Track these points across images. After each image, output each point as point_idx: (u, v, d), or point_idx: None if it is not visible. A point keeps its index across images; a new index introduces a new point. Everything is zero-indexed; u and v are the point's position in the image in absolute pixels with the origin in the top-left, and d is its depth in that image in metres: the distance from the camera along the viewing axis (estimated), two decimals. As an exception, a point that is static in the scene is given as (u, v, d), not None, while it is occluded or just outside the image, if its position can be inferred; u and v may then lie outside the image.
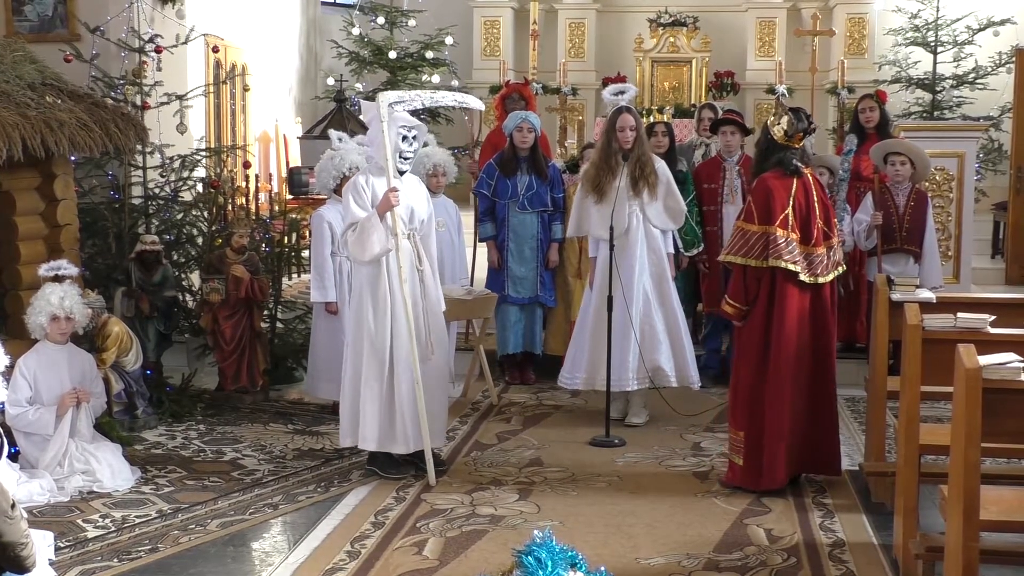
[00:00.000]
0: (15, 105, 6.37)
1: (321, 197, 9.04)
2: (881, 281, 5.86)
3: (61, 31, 8.55)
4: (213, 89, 10.24)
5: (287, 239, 9.02)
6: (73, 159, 7.24)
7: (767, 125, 5.86)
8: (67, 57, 7.77)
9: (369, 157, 6.13)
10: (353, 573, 4.74)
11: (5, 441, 5.15)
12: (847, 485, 5.90)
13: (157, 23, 8.79)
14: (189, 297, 8.08)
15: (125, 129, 7.08)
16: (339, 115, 11.82)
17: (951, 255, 8.58)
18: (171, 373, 7.59)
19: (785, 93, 13.05)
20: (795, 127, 5.72)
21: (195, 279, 8.11)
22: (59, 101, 6.76)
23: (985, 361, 3.98)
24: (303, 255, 9.94)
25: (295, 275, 10.28)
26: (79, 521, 5.34)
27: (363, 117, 6.19)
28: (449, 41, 13.48)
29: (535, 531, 2.87)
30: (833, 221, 5.96)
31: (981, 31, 13.47)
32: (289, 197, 11.58)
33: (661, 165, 6.98)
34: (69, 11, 8.54)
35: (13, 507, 3.77)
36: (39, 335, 6.07)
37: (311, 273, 7.21)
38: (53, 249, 6.96)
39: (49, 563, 4.41)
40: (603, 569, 2.94)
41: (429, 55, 13.33)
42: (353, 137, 7.36)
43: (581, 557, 2.86)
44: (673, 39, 14.65)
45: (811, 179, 5.82)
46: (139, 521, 5.34)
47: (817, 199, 5.77)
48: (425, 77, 13.19)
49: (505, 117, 8.22)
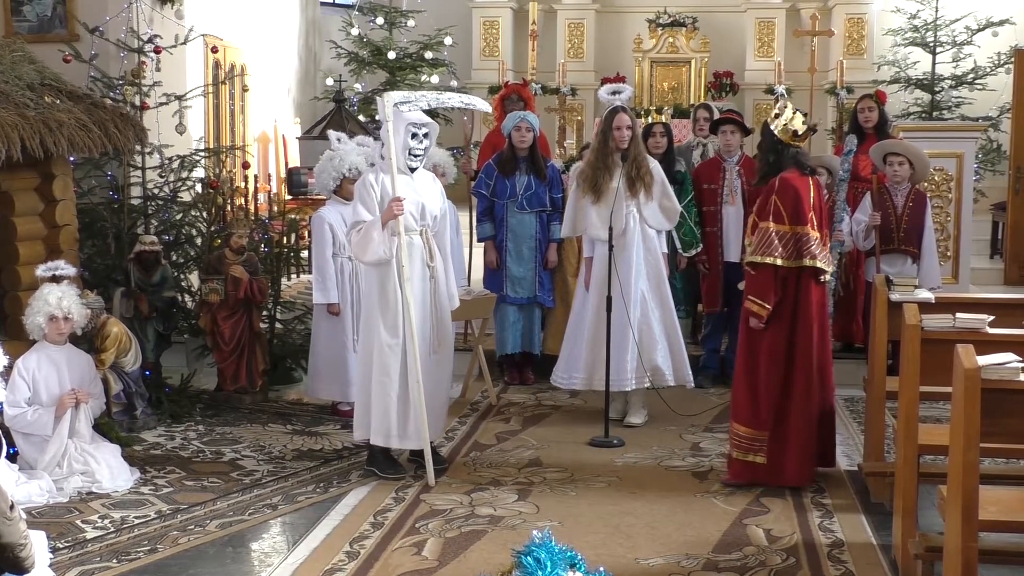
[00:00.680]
0: (14, 105, 6.37)
1: (320, 198, 9.05)
2: (880, 281, 5.87)
3: (60, 31, 8.55)
4: (212, 89, 10.24)
5: (286, 240, 9.02)
6: (72, 159, 7.23)
7: (767, 125, 5.86)
8: (66, 57, 7.77)
9: (371, 156, 6.17)
10: (352, 573, 4.74)
11: (4, 442, 5.16)
12: (846, 485, 5.90)
13: (156, 23, 8.79)
14: (188, 298, 8.08)
15: (124, 129, 7.07)
16: (338, 115, 11.83)
17: (950, 255, 8.59)
18: (170, 374, 7.58)
19: (784, 93, 13.06)
20: (806, 126, 5.78)
21: (194, 280, 8.11)
22: (58, 101, 6.75)
23: (984, 361, 3.98)
24: (302, 256, 9.94)
25: (294, 275, 10.28)
26: (78, 522, 5.34)
27: (379, 117, 6.23)
28: (448, 41, 13.49)
29: (534, 531, 2.87)
30: (827, 223, 6.06)
31: (980, 31, 13.48)
32: (288, 198, 11.57)
33: (655, 165, 7.00)
34: (68, 11, 8.54)
35: (12, 508, 3.76)
36: (37, 336, 6.07)
37: (312, 274, 7.22)
38: (52, 250, 6.96)
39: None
40: (602, 569, 2.94)
41: (428, 55, 13.34)
42: (353, 138, 7.37)
43: (580, 557, 2.86)
44: (672, 39, 14.66)
45: (816, 180, 5.92)
46: (138, 522, 5.34)
47: (822, 199, 5.89)
48: (424, 77, 13.20)
49: (504, 118, 8.22)
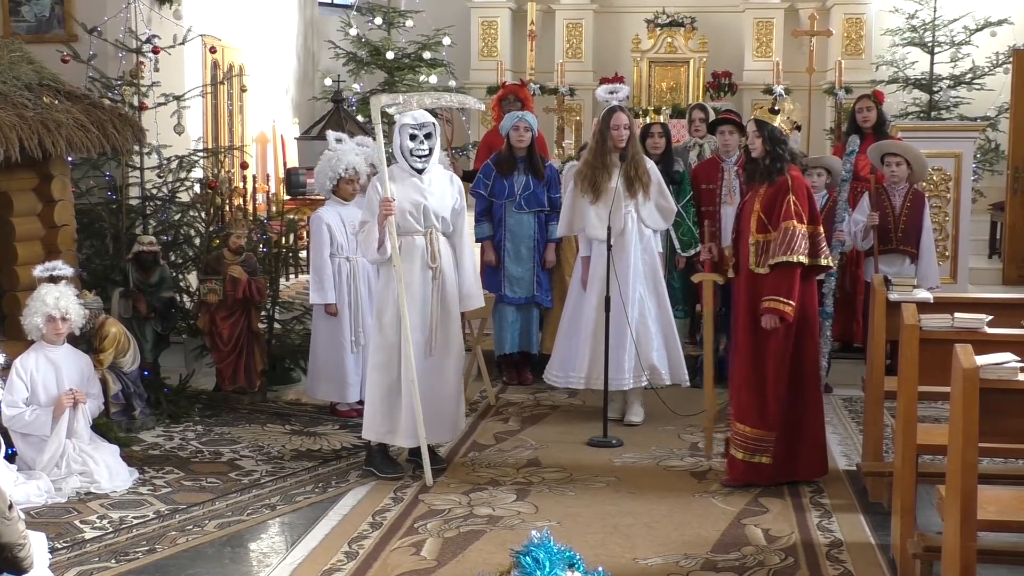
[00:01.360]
0: (12, 106, 6.36)
1: (320, 198, 9.04)
2: (878, 281, 5.87)
3: (58, 32, 8.54)
4: (211, 90, 10.24)
5: (284, 240, 9.02)
6: (70, 160, 7.23)
7: (769, 125, 5.78)
8: (64, 58, 7.76)
9: (370, 156, 6.20)
10: (351, 574, 4.74)
11: (3, 442, 5.16)
12: (845, 485, 5.91)
13: (154, 24, 8.78)
14: (187, 298, 8.07)
15: (122, 130, 7.07)
16: (336, 116, 11.83)
17: (948, 255, 8.60)
18: (169, 374, 7.58)
19: (783, 94, 13.07)
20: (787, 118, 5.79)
21: (192, 280, 8.10)
22: (56, 102, 6.75)
23: (982, 361, 3.98)
24: (300, 256, 9.94)
25: (292, 276, 10.28)
26: (77, 522, 5.34)
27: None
28: (447, 42, 13.48)
29: (533, 531, 2.87)
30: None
31: (978, 31, 13.49)
32: (286, 198, 11.57)
33: (651, 165, 7.02)
34: (66, 12, 8.53)
35: (11, 508, 3.76)
36: (35, 336, 6.07)
37: (310, 274, 7.22)
38: (50, 250, 6.95)
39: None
40: (601, 569, 2.94)
41: (427, 56, 13.33)
42: (353, 138, 7.38)
43: (579, 557, 2.86)
44: (670, 39, 14.66)
45: None
46: (137, 522, 5.33)
47: None
48: (423, 78, 13.20)
49: (502, 118, 8.23)
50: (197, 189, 8.50)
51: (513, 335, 7.94)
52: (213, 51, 10.81)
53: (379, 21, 13.51)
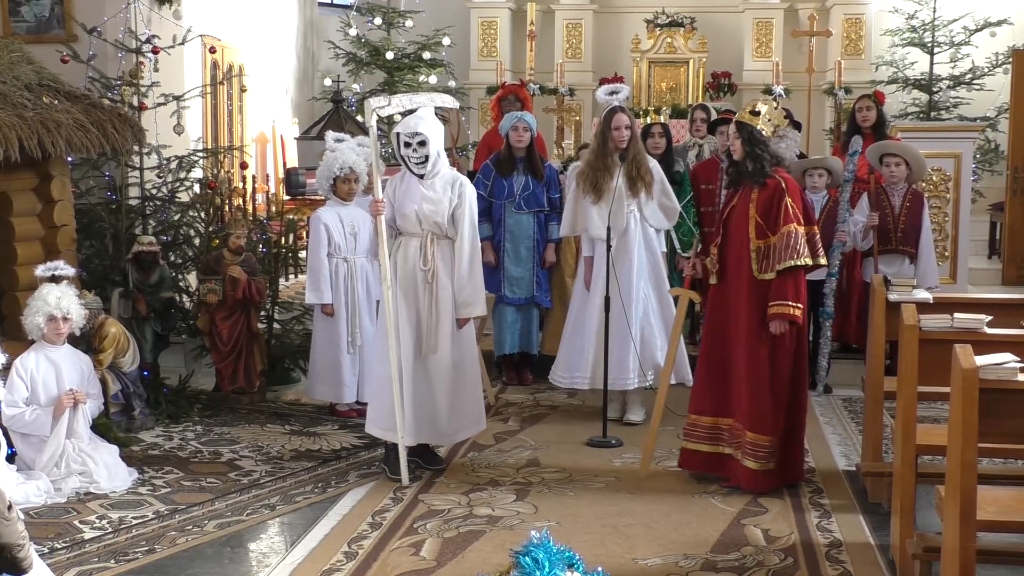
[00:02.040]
0: (12, 106, 6.36)
1: (319, 198, 9.05)
2: (878, 282, 5.87)
3: (58, 32, 8.54)
4: (210, 90, 10.24)
5: (284, 240, 9.03)
6: (70, 160, 7.23)
7: (750, 127, 5.71)
8: (64, 58, 7.76)
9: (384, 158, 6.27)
10: (350, 574, 4.74)
11: (4, 442, 5.16)
12: (844, 485, 5.91)
13: (154, 24, 8.78)
14: (186, 298, 8.07)
15: (122, 130, 7.07)
16: (336, 116, 11.83)
17: (948, 255, 8.59)
18: (168, 374, 7.58)
19: (782, 94, 13.07)
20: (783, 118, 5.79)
21: (192, 280, 8.10)
22: (56, 102, 6.75)
23: (982, 361, 3.99)
24: (300, 256, 9.94)
25: (292, 276, 10.28)
26: (76, 522, 5.34)
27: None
28: (446, 42, 13.48)
29: (532, 532, 2.87)
30: None
31: (978, 32, 13.48)
32: (286, 198, 11.57)
33: (654, 164, 7.01)
34: (66, 12, 8.53)
35: (10, 508, 3.76)
36: (36, 336, 6.07)
37: (307, 275, 7.22)
38: (50, 250, 6.96)
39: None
40: (600, 570, 2.94)
41: (426, 56, 13.32)
42: (354, 138, 7.37)
43: (578, 558, 2.86)
44: (670, 40, 14.65)
45: None
46: (136, 522, 5.34)
47: None
48: (422, 78, 13.19)
49: (501, 118, 8.23)
50: (197, 189, 8.50)
51: (513, 336, 7.94)
52: (213, 51, 10.81)
53: (379, 21, 13.50)
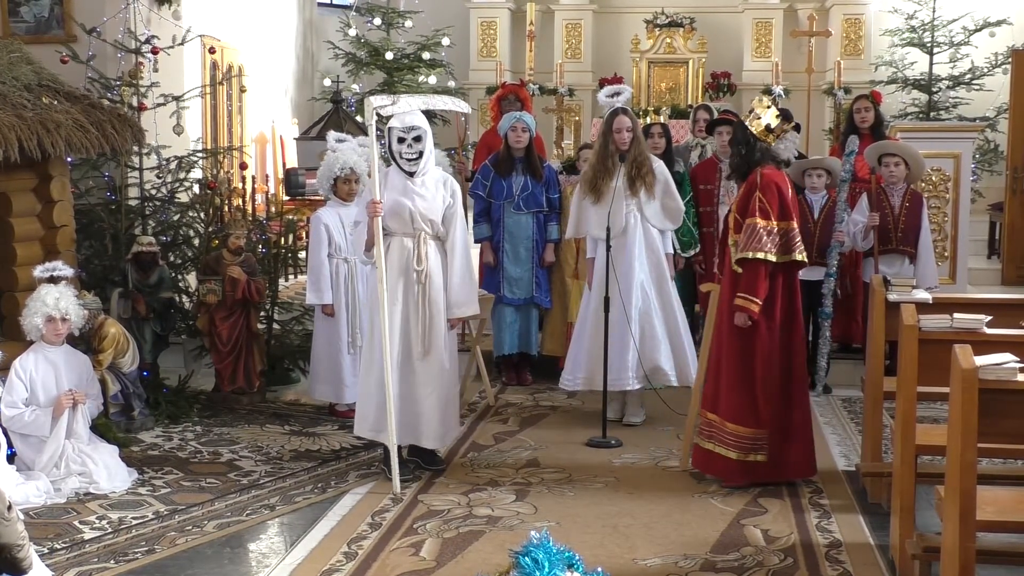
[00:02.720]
0: (11, 106, 6.36)
1: (319, 198, 9.05)
2: (877, 282, 5.88)
3: (57, 32, 8.54)
4: (210, 90, 10.24)
5: (283, 240, 9.02)
6: (69, 160, 7.23)
7: (743, 123, 5.89)
8: (63, 58, 7.76)
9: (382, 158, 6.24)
10: (350, 574, 4.74)
11: (3, 442, 5.16)
12: (844, 485, 5.91)
13: (153, 24, 8.77)
14: (186, 298, 8.07)
15: (122, 130, 7.07)
16: (336, 116, 11.83)
17: (947, 256, 8.59)
18: (168, 374, 7.58)
19: (781, 94, 13.07)
20: (778, 121, 5.77)
21: (192, 280, 8.10)
22: (55, 102, 6.75)
23: (981, 361, 3.99)
24: (300, 256, 9.94)
25: (292, 276, 10.28)
26: (76, 523, 5.34)
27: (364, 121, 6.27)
28: (446, 42, 13.48)
29: (532, 532, 2.88)
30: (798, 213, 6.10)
31: (977, 32, 13.49)
32: (286, 198, 11.58)
33: (660, 165, 6.98)
34: (65, 12, 8.53)
35: (9, 509, 3.77)
36: (35, 336, 6.07)
37: (307, 275, 7.22)
38: (49, 250, 6.95)
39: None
40: (600, 570, 2.94)
41: (426, 56, 13.33)
42: (355, 139, 7.37)
43: (578, 558, 2.87)
44: (669, 40, 14.65)
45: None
46: (136, 522, 5.34)
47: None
48: (422, 78, 13.19)
49: (501, 118, 8.22)
50: (196, 190, 8.50)
51: (512, 336, 7.94)
52: (212, 51, 10.81)
53: (378, 21, 13.51)
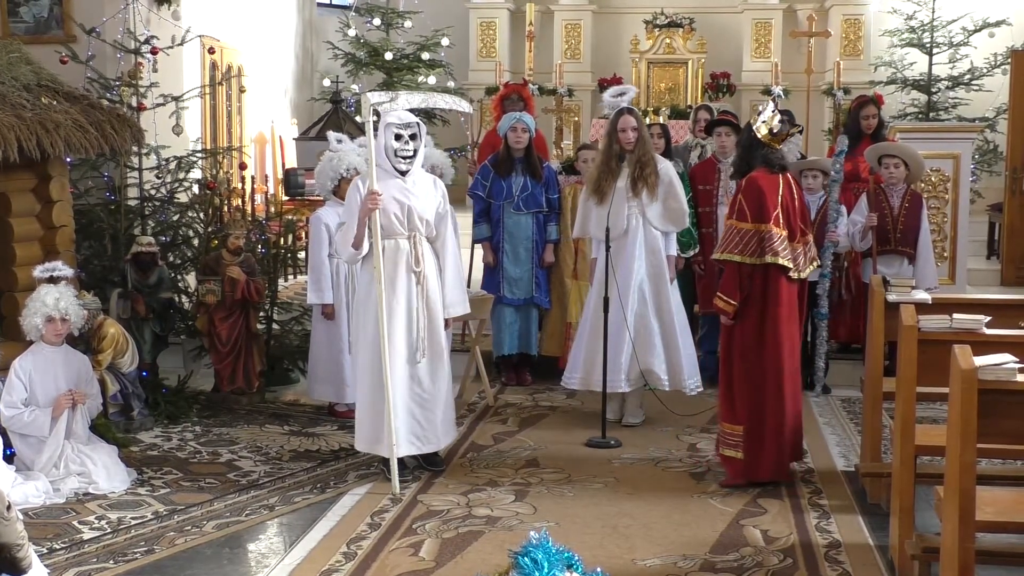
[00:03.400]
0: (11, 106, 6.36)
1: (318, 198, 9.05)
2: (877, 282, 5.88)
3: (57, 32, 8.54)
4: (209, 90, 10.24)
5: (283, 240, 9.02)
6: (69, 160, 7.23)
7: (749, 124, 5.97)
8: (63, 59, 7.76)
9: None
10: (349, 574, 4.74)
11: (1, 442, 5.16)
12: (843, 486, 5.91)
13: (153, 24, 8.78)
14: (185, 299, 8.07)
15: (121, 130, 7.07)
16: (335, 116, 11.83)
17: (947, 256, 8.60)
18: (167, 375, 7.57)
19: (781, 94, 13.07)
20: (781, 128, 5.79)
21: (191, 281, 8.10)
22: (55, 102, 6.75)
23: (981, 362, 3.99)
24: (299, 256, 9.94)
25: (291, 276, 10.28)
26: (75, 523, 5.34)
27: (358, 117, 6.22)
28: (445, 42, 13.48)
29: (531, 532, 2.88)
30: (808, 218, 6.14)
31: (976, 32, 13.49)
32: (285, 198, 11.58)
33: (665, 166, 6.93)
34: (65, 12, 8.53)
35: (9, 509, 3.77)
36: (34, 337, 6.06)
37: (308, 275, 7.21)
38: (49, 251, 6.95)
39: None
40: (599, 570, 2.94)
41: (425, 56, 13.33)
42: (354, 140, 7.37)
43: (577, 558, 2.87)
44: (669, 40, 14.66)
45: (790, 177, 5.97)
46: (135, 523, 5.33)
47: (796, 196, 5.92)
48: (421, 79, 13.20)
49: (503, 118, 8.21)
50: (196, 190, 8.50)
51: (512, 336, 7.93)
52: (212, 52, 10.81)
53: (378, 22, 13.51)
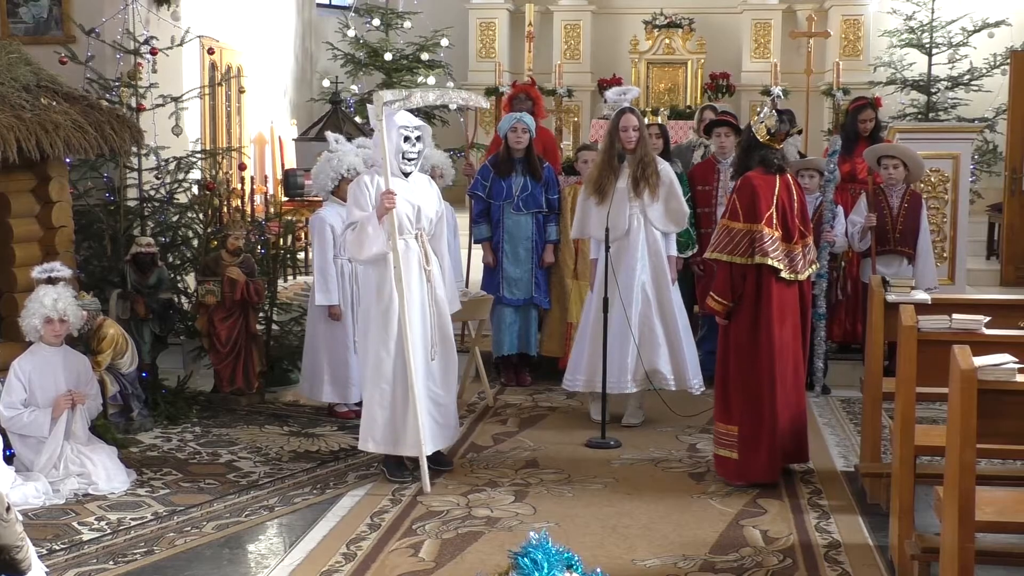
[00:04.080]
0: (10, 107, 6.36)
1: (318, 199, 9.04)
2: (876, 283, 5.88)
3: (56, 33, 8.54)
4: (209, 91, 10.23)
5: (282, 241, 9.02)
6: (68, 161, 7.22)
7: (750, 124, 5.98)
8: (62, 59, 7.76)
9: (371, 158, 6.15)
10: (349, 575, 4.74)
11: (0, 443, 5.16)
12: (843, 486, 5.91)
13: (152, 25, 8.78)
14: (185, 299, 8.07)
15: (120, 131, 7.06)
16: (334, 117, 11.83)
17: (946, 256, 8.60)
18: (167, 375, 7.57)
19: (780, 95, 13.07)
20: (779, 128, 5.79)
21: (191, 281, 8.10)
22: (54, 103, 6.74)
23: (980, 362, 3.99)
24: (298, 257, 9.94)
25: (291, 277, 10.28)
26: (74, 524, 5.33)
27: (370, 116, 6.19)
28: (445, 43, 13.49)
29: (531, 533, 2.88)
30: (808, 219, 6.11)
31: (976, 33, 13.50)
32: (284, 199, 11.59)
33: (665, 167, 6.95)
34: (64, 13, 8.53)
35: (8, 510, 3.76)
36: (34, 337, 6.06)
37: (314, 276, 7.16)
38: (48, 251, 6.95)
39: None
40: (599, 571, 2.94)
41: (425, 57, 13.34)
42: (352, 140, 7.37)
43: (577, 559, 2.87)
44: (668, 41, 14.67)
45: (790, 177, 5.95)
46: (134, 523, 5.33)
47: (796, 197, 5.90)
48: (420, 79, 13.20)
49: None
50: (195, 190, 8.50)
51: (511, 337, 7.93)
52: (211, 52, 10.81)
53: (377, 22, 13.52)
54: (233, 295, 7.31)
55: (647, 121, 10.26)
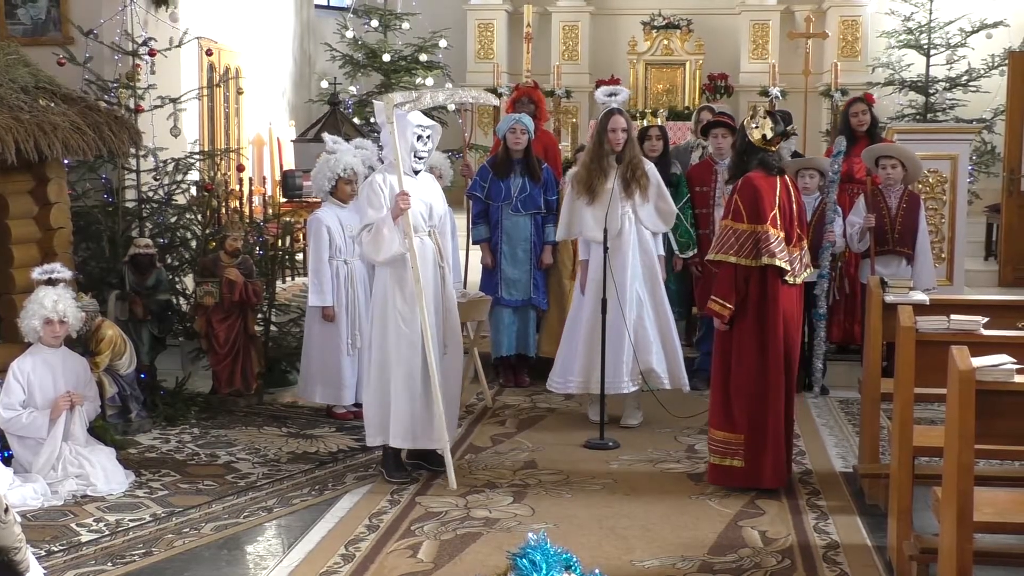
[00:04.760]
0: (8, 108, 6.36)
1: (316, 200, 9.04)
2: (874, 283, 5.88)
3: (54, 34, 8.55)
4: (207, 92, 10.24)
5: (281, 242, 9.02)
6: (66, 162, 7.23)
7: (743, 127, 5.94)
8: (60, 60, 7.76)
9: (384, 158, 6.15)
10: (347, 576, 4.75)
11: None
12: (841, 487, 5.91)
13: (150, 26, 8.78)
14: (183, 300, 8.07)
15: (119, 132, 7.06)
16: (333, 118, 11.82)
17: (944, 257, 8.60)
18: (165, 376, 7.58)
19: (779, 95, 13.09)
20: (775, 132, 5.77)
21: (189, 282, 8.10)
22: (52, 104, 6.74)
23: (978, 363, 3.99)
24: (297, 258, 9.93)
25: (289, 278, 10.28)
26: (73, 525, 5.33)
27: (375, 119, 6.20)
28: (443, 44, 13.50)
29: (529, 533, 2.88)
30: (805, 223, 6.08)
31: (974, 34, 13.51)
32: (283, 200, 11.57)
33: (651, 167, 6.98)
34: (62, 14, 8.54)
35: (6, 511, 3.76)
36: (32, 338, 6.06)
37: (309, 277, 7.19)
38: (46, 253, 6.95)
39: None
40: (597, 571, 2.94)
41: (423, 58, 13.34)
42: (350, 140, 7.36)
43: (575, 559, 2.87)
44: (667, 42, 14.68)
45: (788, 180, 5.93)
46: (133, 525, 5.33)
47: (794, 200, 5.88)
48: (419, 80, 13.21)
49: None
50: (193, 192, 8.50)
51: (510, 337, 7.94)
52: (209, 53, 10.81)
53: (375, 23, 13.52)
54: (231, 296, 7.31)
55: (647, 122, 10.27)
